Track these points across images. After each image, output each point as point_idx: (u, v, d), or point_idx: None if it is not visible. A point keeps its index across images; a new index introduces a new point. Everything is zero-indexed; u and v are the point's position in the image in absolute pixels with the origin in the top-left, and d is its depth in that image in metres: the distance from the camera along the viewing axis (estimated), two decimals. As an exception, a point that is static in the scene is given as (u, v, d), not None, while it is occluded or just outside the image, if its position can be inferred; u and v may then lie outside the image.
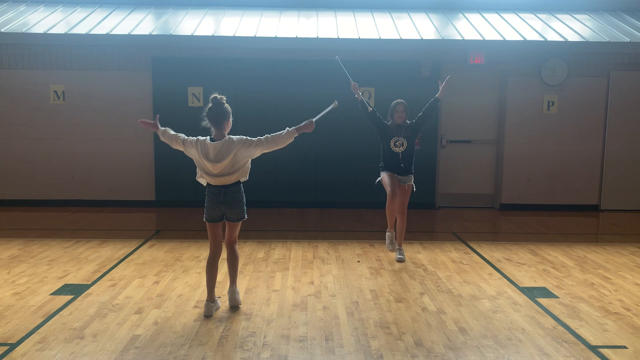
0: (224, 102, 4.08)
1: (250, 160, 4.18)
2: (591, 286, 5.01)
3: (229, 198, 4.12)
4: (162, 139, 4.28)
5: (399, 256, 5.79)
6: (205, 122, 4.11)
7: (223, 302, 4.43)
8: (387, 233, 5.89)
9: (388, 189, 5.73)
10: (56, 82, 8.60)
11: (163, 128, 4.26)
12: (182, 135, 4.19)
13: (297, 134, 4.10)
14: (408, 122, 5.79)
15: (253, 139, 4.09)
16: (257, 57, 8.55)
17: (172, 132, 4.23)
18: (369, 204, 8.47)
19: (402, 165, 5.72)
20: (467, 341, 3.77)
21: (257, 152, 4.12)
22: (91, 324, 3.99)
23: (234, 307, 4.35)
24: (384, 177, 5.80)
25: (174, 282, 4.98)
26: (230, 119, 4.14)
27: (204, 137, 4.09)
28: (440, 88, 5.82)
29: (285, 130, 4.12)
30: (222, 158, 4.01)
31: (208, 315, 4.16)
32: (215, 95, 4.08)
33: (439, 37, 8.42)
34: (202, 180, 4.21)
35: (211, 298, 4.23)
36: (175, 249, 6.11)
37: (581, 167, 8.87)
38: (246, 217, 4.26)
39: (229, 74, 8.48)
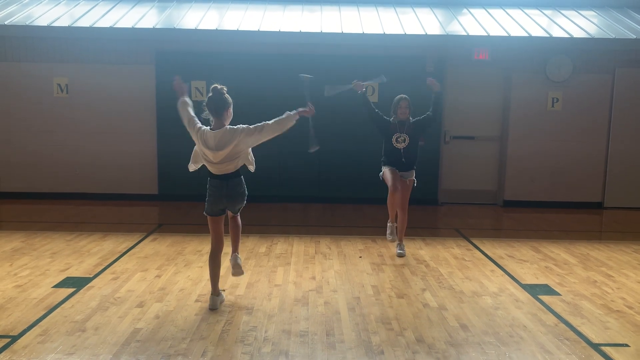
0: (225, 92, 4.06)
1: (251, 149, 4.17)
2: (593, 284, 5.00)
3: (231, 192, 4.11)
4: (179, 107, 4.24)
5: (399, 251, 5.79)
6: (206, 113, 4.09)
7: (228, 296, 4.43)
8: (388, 223, 5.92)
9: (389, 183, 5.72)
10: (59, 75, 8.59)
11: (186, 99, 4.25)
12: (191, 114, 4.16)
13: (298, 117, 4.20)
14: (412, 118, 5.75)
15: (253, 127, 4.06)
16: (261, 51, 8.52)
17: (189, 107, 4.21)
18: (372, 199, 8.44)
19: (403, 160, 5.70)
20: (468, 338, 3.76)
21: (259, 140, 4.10)
22: (93, 317, 4.00)
23: (237, 273, 4.43)
24: (385, 171, 5.80)
25: (175, 276, 4.99)
26: (231, 110, 4.10)
27: (205, 127, 4.08)
28: (433, 84, 5.71)
29: (285, 115, 4.14)
30: (223, 146, 3.98)
31: (213, 308, 4.17)
32: (216, 85, 4.07)
33: (444, 32, 8.38)
34: (192, 167, 4.27)
35: (215, 291, 4.24)
36: (178, 243, 6.11)
37: (585, 164, 8.83)
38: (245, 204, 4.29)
39: (232, 68, 8.45)
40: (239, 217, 4.40)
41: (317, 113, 9.40)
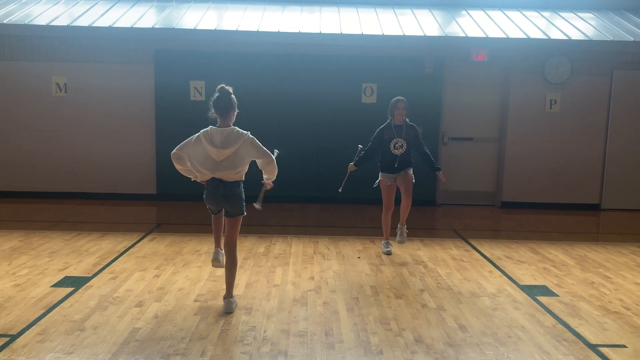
0: (231, 92, 4.10)
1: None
2: (591, 285, 5.01)
3: (228, 192, 4.09)
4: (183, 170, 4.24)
5: (399, 238, 5.78)
6: (211, 112, 4.11)
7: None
8: (382, 241, 5.97)
9: (384, 201, 5.79)
10: (58, 74, 8.58)
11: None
12: (179, 153, 4.12)
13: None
14: (407, 120, 5.78)
15: (260, 145, 4.09)
16: (260, 52, 8.53)
17: (182, 162, 4.16)
18: (370, 200, 8.42)
19: (396, 165, 5.74)
20: (466, 338, 3.78)
21: (255, 158, 4.11)
22: (92, 316, 4.00)
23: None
24: (381, 184, 5.83)
25: (174, 275, 4.99)
26: (236, 111, 4.14)
27: (206, 128, 4.08)
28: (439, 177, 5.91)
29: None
30: (228, 145, 3.99)
31: (216, 261, 4.35)
32: (223, 85, 4.10)
33: (442, 33, 8.40)
34: (198, 176, 4.16)
35: (218, 245, 4.38)
36: (176, 243, 6.11)
37: (583, 165, 8.85)
38: (245, 214, 4.20)
39: (231, 68, 8.46)
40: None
41: (316, 113, 9.43)
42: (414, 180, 5.81)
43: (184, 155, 4.12)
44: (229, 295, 4.21)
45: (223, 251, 4.33)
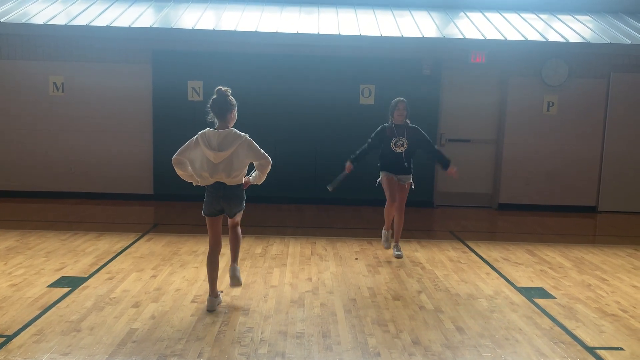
0: (229, 94, 4.08)
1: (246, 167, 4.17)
2: (588, 287, 5.02)
3: (228, 193, 4.09)
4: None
5: (396, 252, 5.81)
6: (210, 116, 4.10)
7: (224, 297, 4.42)
8: (383, 230, 5.94)
9: (387, 194, 5.76)
10: (55, 74, 8.55)
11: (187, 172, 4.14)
12: (180, 158, 4.08)
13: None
14: (408, 121, 5.76)
15: (258, 148, 4.07)
16: (258, 52, 8.53)
17: (183, 167, 4.10)
18: (368, 201, 8.45)
19: (405, 165, 5.72)
20: (464, 340, 3.77)
21: (252, 160, 4.10)
22: (88, 316, 3.98)
23: (235, 284, 4.36)
24: (383, 179, 5.81)
25: (171, 276, 4.98)
26: (235, 112, 4.12)
27: (204, 130, 4.07)
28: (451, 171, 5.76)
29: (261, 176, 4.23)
30: (225, 147, 3.98)
31: (211, 310, 4.14)
32: (220, 87, 4.09)
33: (440, 35, 8.40)
34: (200, 181, 4.13)
35: (213, 293, 4.21)
36: (173, 243, 6.10)
37: (580, 168, 8.88)
38: (244, 207, 4.25)
39: (229, 69, 8.45)
40: (239, 229, 4.35)
41: (314, 114, 9.41)
42: (412, 187, 5.82)
43: (185, 159, 4.09)
44: (234, 262, 4.33)
45: (217, 297, 4.26)
